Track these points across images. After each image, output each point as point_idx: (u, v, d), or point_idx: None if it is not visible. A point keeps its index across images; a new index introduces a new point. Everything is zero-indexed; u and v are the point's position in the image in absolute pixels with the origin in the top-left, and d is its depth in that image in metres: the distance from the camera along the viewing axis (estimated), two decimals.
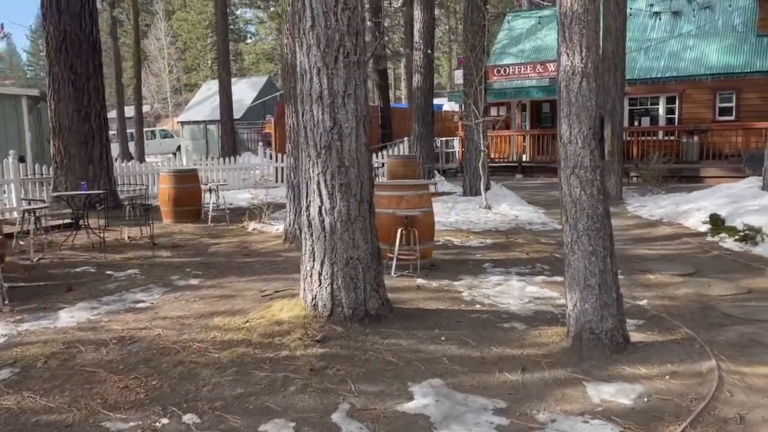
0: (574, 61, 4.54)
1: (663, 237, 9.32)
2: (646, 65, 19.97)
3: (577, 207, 4.61)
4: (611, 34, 12.81)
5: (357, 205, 5.05)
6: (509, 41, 23.40)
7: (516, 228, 10.26)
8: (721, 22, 19.75)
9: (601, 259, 4.58)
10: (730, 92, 18.63)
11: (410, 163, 14.65)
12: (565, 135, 4.65)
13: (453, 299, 6.09)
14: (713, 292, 6.31)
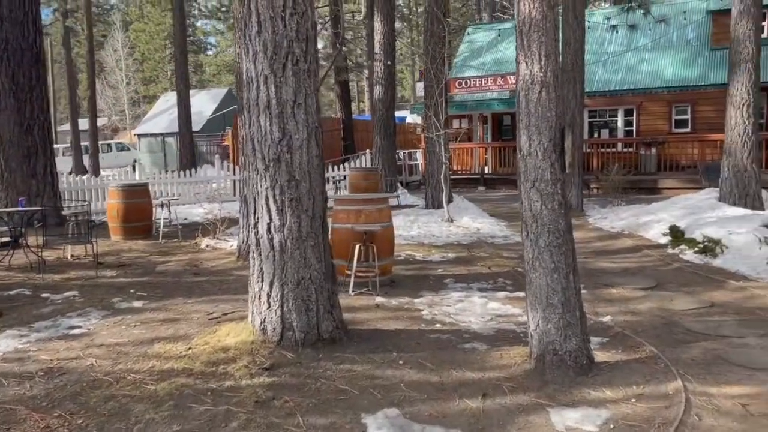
0: (533, 70, 4.36)
1: (624, 249, 9.25)
2: (604, 78, 20.20)
3: (538, 222, 4.41)
4: (570, 47, 12.84)
5: (309, 221, 4.75)
6: (470, 54, 23.45)
7: (478, 241, 10.08)
8: (676, 36, 20.14)
9: (564, 276, 4.38)
10: (686, 105, 18.96)
11: (372, 175, 14.42)
12: (525, 147, 4.46)
13: (413, 318, 5.82)
14: (676, 307, 6.20)
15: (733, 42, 10.76)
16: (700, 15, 20.14)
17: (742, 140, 10.68)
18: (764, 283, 6.99)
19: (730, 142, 10.89)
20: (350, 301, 6.36)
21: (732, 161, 10.82)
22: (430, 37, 12.32)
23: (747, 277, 7.29)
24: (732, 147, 10.82)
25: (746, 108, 10.63)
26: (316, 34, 4.79)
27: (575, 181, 13.14)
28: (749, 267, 7.51)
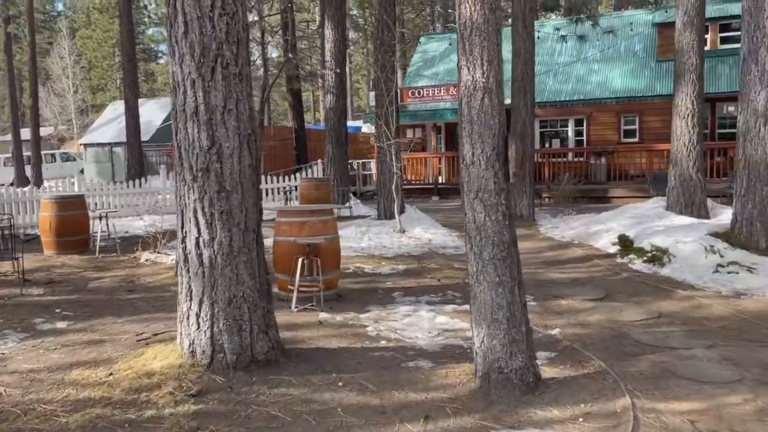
0: (475, 76, 4.18)
1: (575, 259, 9.20)
2: (555, 88, 20.44)
3: (482, 234, 4.22)
4: (520, 57, 12.86)
5: (241, 235, 4.46)
6: (423, 64, 23.46)
7: (429, 252, 9.90)
8: (624, 48, 20.54)
9: (509, 290, 4.20)
10: (634, 115, 19.31)
11: (323, 185, 14.14)
12: (468, 156, 4.28)
13: (357, 335, 5.57)
14: (625, 318, 6.11)
15: (678, 53, 10.92)
16: (647, 27, 20.60)
17: (688, 150, 10.82)
18: (710, 293, 6.99)
19: (676, 151, 11.02)
20: (292, 318, 6.06)
21: (678, 170, 10.95)
22: (380, 46, 12.15)
23: (694, 286, 7.29)
24: (678, 156, 10.95)
25: (691, 118, 10.78)
26: (248, 37, 4.52)
27: (527, 191, 13.13)
28: (696, 276, 7.52)
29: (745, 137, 8.17)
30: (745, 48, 8.16)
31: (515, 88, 13.08)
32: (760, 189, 8.00)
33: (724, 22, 18.74)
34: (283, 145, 21.46)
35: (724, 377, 4.48)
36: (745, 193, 8.20)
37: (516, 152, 13.14)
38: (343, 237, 11.11)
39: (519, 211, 13.16)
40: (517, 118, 13.07)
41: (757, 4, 7.93)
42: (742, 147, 8.23)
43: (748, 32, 8.08)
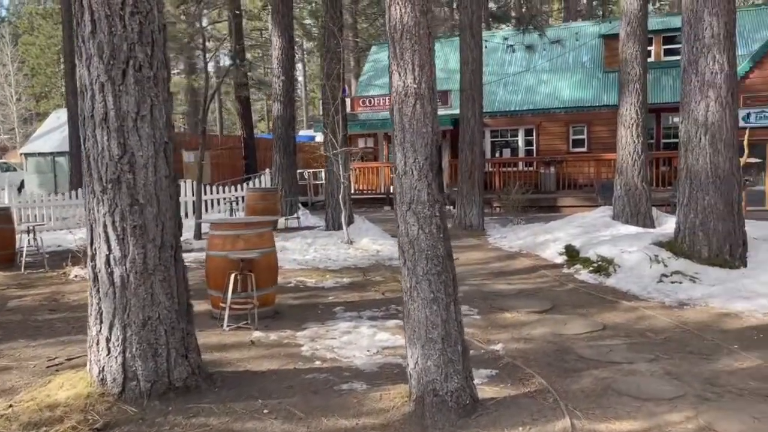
0: (406, 81, 3.96)
1: (522, 270, 9.09)
2: (505, 98, 20.56)
3: (415, 248, 3.99)
4: (468, 66, 12.80)
5: (156, 251, 4.11)
6: (375, 73, 23.32)
7: (376, 264, 9.65)
8: (572, 59, 20.83)
9: (444, 307, 3.97)
10: (582, 125, 19.56)
11: (270, 195, 13.76)
12: (400, 165, 4.04)
13: (290, 356, 5.26)
14: (569, 331, 5.97)
15: (622, 63, 11.00)
16: (593, 39, 20.95)
17: (633, 159, 10.89)
18: (654, 303, 6.93)
19: (621, 161, 11.08)
20: (223, 338, 5.71)
21: (624, 180, 11.01)
22: (326, 53, 11.91)
23: (638, 296, 7.23)
24: (623, 166, 11.01)
25: (635, 127, 10.87)
26: (165, 38, 4.19)
27: (476, 201, 13.04)
28: (640, 287, 7.47)
29: (687, 147, 8.21)
30: (686, 58, 8.22)
31: (464, 97, 13.01)
32: (702, 198, 8.04)
33: (667, 34, 19.19)
34: (231, 154, 20.95)
35: (666, 393, 4.35)
36: (687, 203, 8.23)
37: (465, 162, 13.05)
38: (287, 249, 10.81)
39: (469, 221, 13.07)
40: (466, 127, 12.99)
41: (696, 15, 8.00)
42: (684, 157, 8.27)
43: (688, 42, 8.14)
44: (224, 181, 18.18)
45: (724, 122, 7.90)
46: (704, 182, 8.02)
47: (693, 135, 8.10)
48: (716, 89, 7.90)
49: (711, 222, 8.00)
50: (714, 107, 7.91)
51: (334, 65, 11.41)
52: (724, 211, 7.96)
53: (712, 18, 7.87)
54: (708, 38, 7.92)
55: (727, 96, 7.89)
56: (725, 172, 7.94)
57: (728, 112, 7.91)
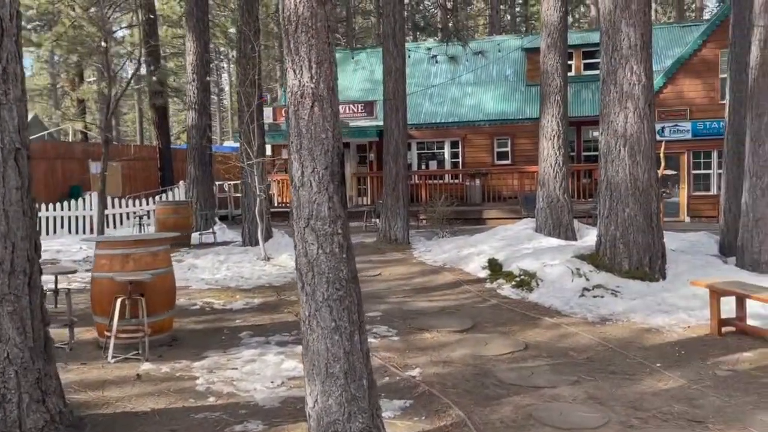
0: (302, 80, 3.49)
1: (445, 285, 8.76)
2: (430, 110, 20.45)
3: (315, 270, 3.50)
4: (392, 75, 12.49)
5: (5, 278, 3.45)
6: None
7: (292, 283, 9.07)
8: (496, 72, 20.99)
9: (347, 337, 3.50)
10: (506, 138, 19.68)
11: (182, 209, 12.94)
12: (297, 176, 3.56)
13: (181, 392, 4.64)
14: (490, 352, 5.63)
15: (543, 75, 10.96)
16: (516, 52, 21.19)
17: (555, 171, 10.83)
18: (576, 319, 6.72)
19: (543, 173, 11.00)
20: (105, 372, 5.02)
21: (546, 192, 10.92)
22: (242, 58, 11.30)
23: (560, 312, 7.01)
24: (545, 178, 10.93)
25: (557, 139, 10.82)
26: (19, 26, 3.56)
27: (401, 213, 12.69)
28: (563, 301, 7.26)
29: (607, 159, 8.12)
30: (604, 69, 8.15)
31: (387, 107, 12.68)
32: (622, 210, 7.95)
33: (587, 49, 19.60)
34: (146, 166, 19.82)
35: (589, 422, 4.04)
36: (608, 215, 8.13)
37: (389, 174, 12.70)
38: (197, 267, 10.08)
39: (393, 234, 12.70)
40: (390, 138, 12.65)
41: (614, 26, 7.94)
42: (604, 168, 8.17)
43: (607, 53, 8.07)
44: (136, 194, 17.12)
45: (643, 134, 7.86)
46: (624, 194, 7.93)
47: (613, 146, 8.02)
48: (634, 100, 7.85)
49: (631, 234, 7.91)
50: (633, 118, 7.86)
51: (249, 71, 10.81)
52: (644, 223, 7.90)
53: (629, 29, 7.83)
54: (626, 49, 7.87)
55: (644, 107, 7.86)
56: (644, 183, 7.89)
57: (646, 124, 7.87)
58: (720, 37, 17.09)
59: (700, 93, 17.44)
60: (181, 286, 8.86)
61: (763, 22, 8.03)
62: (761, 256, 8.03)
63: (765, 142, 8.03)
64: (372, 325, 6.61)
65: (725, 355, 5.40)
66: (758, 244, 8.04)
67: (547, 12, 10.80)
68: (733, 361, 5.24)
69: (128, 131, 54.70)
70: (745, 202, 8.28)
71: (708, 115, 17.24)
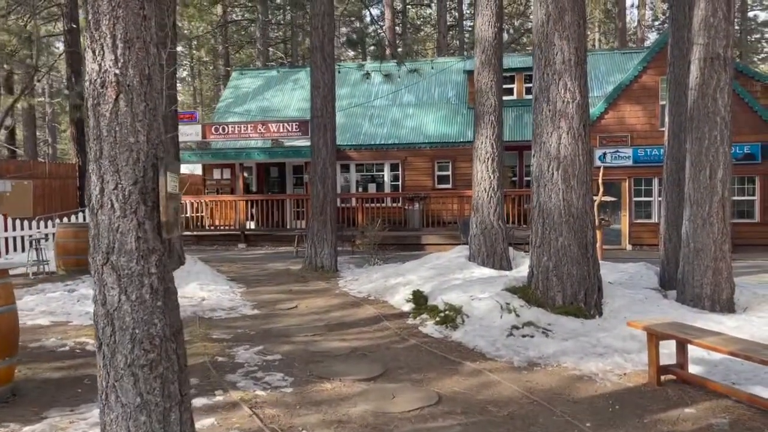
0: (103, 64, 2.57)
1: (363, 321, 7.84)
2: (371, 131, 19.72)
3: (116, 324, 2.55)
4: (320, 90, 11.66)
5: None
6: (234, 100, 21.74)
7: (191, 317, 8.01)
8: (438, 94, 20.46)
9: (159, 417, 2.54)
10: (447, 161, 19.07)
11: (85, 232, 11.65)
12: (95, 194, 2.61)
13: None
14: (396, 407, 4.73)
15: (477, 94, 10.31)
16: (459, 75, 20.75)
17: (489, 195, 10.14)
18: (502, 363, 5.89)
19: (477, 197, 10.30)
20: None
21: (480, 217, 10.21)
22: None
23: (485, 354, 6.18)
24: (479, 202, 10.23)
25: (491, 162, 10.15)
26: None
27: (328, 239, 11.77)
28: (489, 341, 6.44)
29: (539, 182, 7.42)
30: (537, 86, 7.50)
31: (315, 124, 11.82)
32: (555, 239, 7.24)
33: (529, 72, 19.27)
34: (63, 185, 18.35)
35: None
36: (540, 244, 7.40)
37: (317, 196, 11.79)
38: (86, 298, 8.89)
39: (320, 261, 11.75)
40: (317, 158, 11.77)
41: (547, 39, 7.31)
42: (537, 193, 7.47)
43: (539, 68, 7.43)
44: (48, 215, 15.69)
45: (577, 156, 7.20)
46: (557, 221, 7.23)
47: (545, 169, 7.33)
48: (568, 119, 7.20)
49: (565, 265, 7.20)
50: (566, 139, 7.20)
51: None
52: (579, 253, 7.20)
53: (563, 42, 7.21)
54: (559, 64, 7.24)
55: (579, 127, 7.21)
56: (579, 210, 7.21)
57: (581, 145, 7.22)
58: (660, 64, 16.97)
59: (641, 119, 17.25)
60: (59, 322, 7.73)
61: (703, 40, 7.53)
62: (703, 290, 7.44)
63: (705, 167, 7.49)
64: (267, 372, 5.65)
65: (665, 411, 4.64)
66: (699, 277, 7.45)
67: (482, 28, 10.19)
68: (673, 419, 4.49)
69: (66, 149, 52.23)
70: (686, 231, 7.71)
71: (649, 142, 17.05)
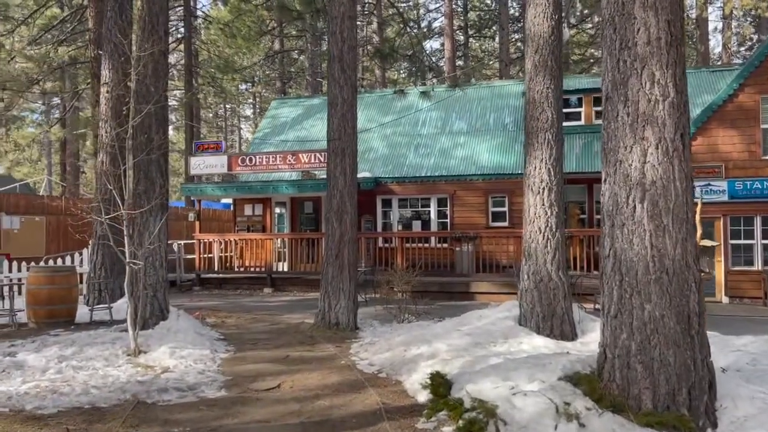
0: None
1: (356, 419, 5.51)
2: (415, 162, 17.55)
3: None
4: (337, 109, 9.61)
5: None
6: (272, 130, 20.13)
7: (131, 401, 5.90)
8: (493, 120, 18.12)
9: None
10: (503, 195, 16.60)
11: (61, 278, 9.90)
12: None
13: None
14: None
15: (528, 105, 7.98)
16: (517, 99, 18.40)
17: (545, 237, 7.69)
18: None
19: (529, 239, 7.87)
20: None
21: (533, 266, 7.76)
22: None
23: None
24: (532, 246, 7.79)
25: (548, 193, 7.73)
26: None
27: (345, 289, 9.55)
28: None
29: (614, 220, 5.00)
30: (609, 79, 5.13)
31: (330, 149, 9.76)
32: (640, 307, 4.77)
33: (598, 94, 16.71)
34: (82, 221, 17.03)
35: None
36: (616, 313, 4.93)
37: (331, 236, 9.65)
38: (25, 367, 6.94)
39: (334, 316, 9.53)
40: (333, 189, 9.67)
41: (624, 10, 4.97)
42: (610, 237, 5.04)
43: (612, 54, 5.07)
44: (60, 254, 14.26)
45: (672, 181, 4.76)
46: (643, 280, 4.77)
47: (622, 201, 4.91)
48: (657, 127, 4.79)
49: (656, 348, 4.70)
50: (655, 156, 4.78)
51: None
52: (677, 329, 4.69)
53: (648, 13, 4.86)
54: (642, 46, 4.87)
55: (675, 138, 4.79)
56: (677, 263, 4.73)
57: (678, 165, 4.78)
58: (762, 80, 14.13)
59: (738, 146, 14.34)
60: None
61: None
62: None
63: None
64: None
65: None
66: None
67: (534, 21, 7.91)
68: None
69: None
70: None
71: (748, 173, 14.11)
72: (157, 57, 9.43)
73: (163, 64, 9.53)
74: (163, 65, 9.53)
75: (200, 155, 16.55)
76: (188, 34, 27.67)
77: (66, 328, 9.59)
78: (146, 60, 9.32)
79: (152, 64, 9.36)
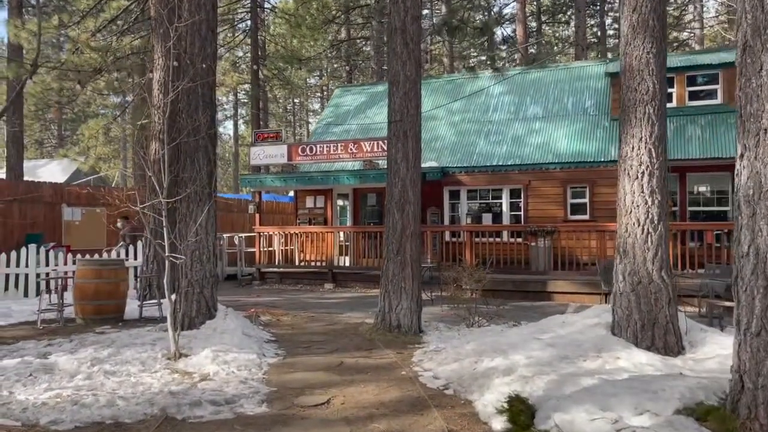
0: None
1: None
2: (486, 150, 16.31)
3: None
4: (399, 87, 8.62)
5: None
6: (335, 118, 19.35)
7: (159, 416, 5.14)
8: (571, 103, 16.64)
9: None
10: (583, 185, 15.14)
11: (109, 272, 9.39)
12: None
13: None
14: None
15: (625, 74, 6.71)
16: (599, 80, 16.83)
17: (644, 230, 6.42)
18: None
19: (624, 233, 6.61)
20: None
21: (629, 265, 6.50)
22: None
23: None
24: (628, 242, 6.53)
25: (648, 178, 6.46)
26: None
27: (408, 288, 8.57)
28: None
29: (755, 208, 3.77)
30: (748, 24, 3.89)
31: (392, 132, 8.78)
32: None
33: (692, 73, 14.97)
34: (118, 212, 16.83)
35: None
36: (760, 331, 3.71)
37: (393, 229, 8.68)
38: (55, 370, 6.31)
39: (396, 318, 8.56)
40: (394, 177, 8.69)
41: None
42: (750, 230, 3.81)
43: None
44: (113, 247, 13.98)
45: None
46: None
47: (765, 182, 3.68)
48: None
49: None
50: None
51: None
52: None
53: None
54: None
55: None
56: None
57: None
58: None
59: None
60: None
61: None
62: None
63: None
64: None
65: None
66: None
67: None
68: None
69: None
70: None
71: None
72: (204, 33, 8.75)
73: (211, 41, 8.80)
74: (211, 42, 8.80)
75: (260, 145, 15.95)
76: (254, 26, 27.37)
77: (113, 325, 9.08)
78: (193, 36, 8.65)
79: (199, 41, 8.68)
